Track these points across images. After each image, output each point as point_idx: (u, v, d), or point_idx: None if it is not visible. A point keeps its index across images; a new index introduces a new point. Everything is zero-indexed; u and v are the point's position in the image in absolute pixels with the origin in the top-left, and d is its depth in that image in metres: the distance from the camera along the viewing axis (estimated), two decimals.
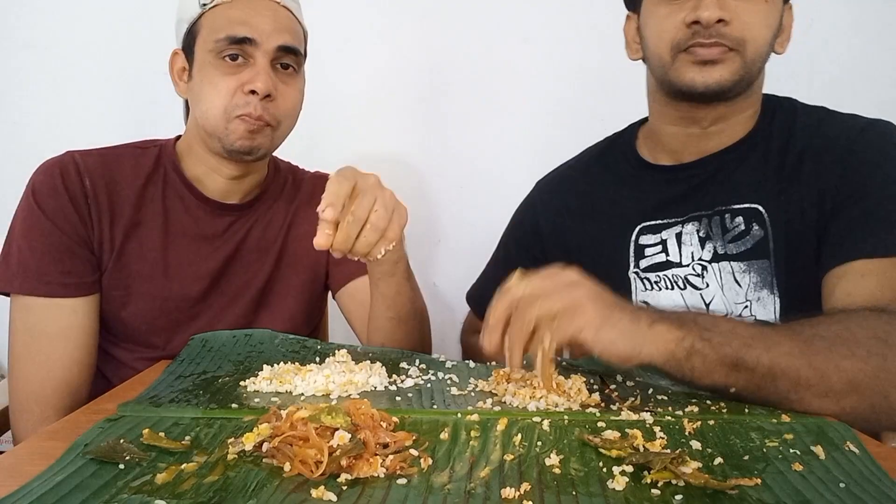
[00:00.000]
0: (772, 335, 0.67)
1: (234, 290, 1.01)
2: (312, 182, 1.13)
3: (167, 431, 0.58)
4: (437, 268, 1.19)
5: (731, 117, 0.93)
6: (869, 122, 0.89)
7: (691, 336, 0.66)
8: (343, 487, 0.48)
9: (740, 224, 0.91)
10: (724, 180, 0.93)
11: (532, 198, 1.15)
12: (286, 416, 0.55)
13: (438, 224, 1.60)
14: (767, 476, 0.51)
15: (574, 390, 0.69)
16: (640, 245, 0.98)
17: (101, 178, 0.94)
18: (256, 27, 0.90)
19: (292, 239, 1.07)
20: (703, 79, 0.87)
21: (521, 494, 0.47)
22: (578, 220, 1.05)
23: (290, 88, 0.96)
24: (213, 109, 0.92)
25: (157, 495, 0.47)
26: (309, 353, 0.86)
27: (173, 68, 0.99)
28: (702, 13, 0.83)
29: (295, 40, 0.95)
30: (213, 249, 1.00)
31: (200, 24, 0.93)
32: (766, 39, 0.87)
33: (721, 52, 0.85)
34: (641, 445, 0.55)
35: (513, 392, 0.69)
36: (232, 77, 0.91)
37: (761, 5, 0.86)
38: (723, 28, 0.84)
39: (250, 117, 0.91)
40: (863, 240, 0.79)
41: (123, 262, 0.95)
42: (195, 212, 1.00)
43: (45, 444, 0.58)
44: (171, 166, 1.00)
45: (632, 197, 1.00)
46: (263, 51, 0.91)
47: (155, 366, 0.84)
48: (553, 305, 0.65)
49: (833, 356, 0.65)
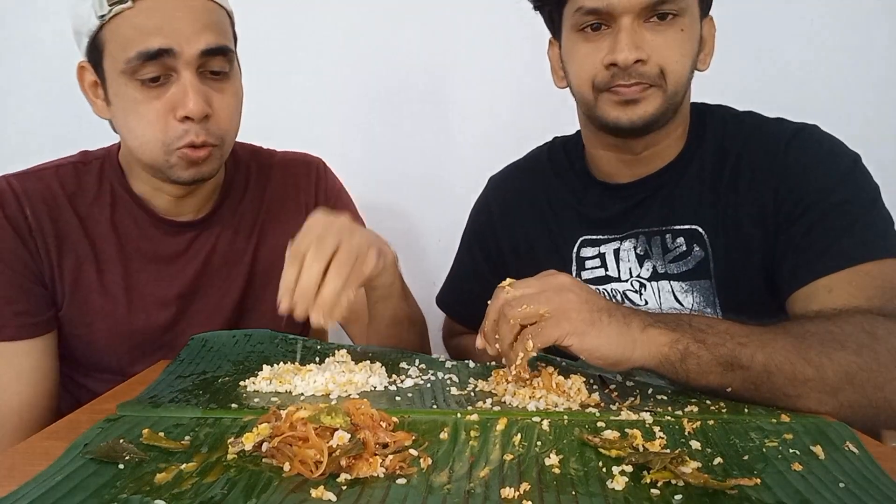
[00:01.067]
0: (766, 333, 0.67)
1: (207, 312, 0.93)
2: (282, 169, 1.03)
3: (167, 431, 0.58)
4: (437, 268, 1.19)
5: (662, 141, 0.93)
6: (794, 131, 0.88)
7: (685, 338, 0.66)
8: (343, 487, 0.48)
9: (682, 245, 0.91)
10: (662, 200, 0.93)
11: (486, 196, 1.13)
12: (286, 417, 0.55)
13: (438, 224, 1.60)
14: (767, 476, 0.51)
15: (574, 390, 0.69)
16: (581, 257, 0.98)
17: (42, 203, 0.85)
18: (172, 32, 0.77)
19: (267, 238, 0.98)
20: (627, 117, 0.86)
21: (521, 494, 0.47)
22: (528, 222, 1.05)
23: (226, 96, 0.84)
24: (148, 144, 0.81)
25: (157, 495, 0.47)
26: (309, 353, 0.86)
27: (83, 83, 0.86)
28: (618, 56, 0.82)
29: (221, 37, 0.82)
30: (176, 271, 0.91)
31: (103, 36, 0.79)
32: (686, 67, 0.86)
33: (641, 89, 0.84)
34: (641, 445, 0.55)
35: (512, 392, 0.69)
36: (157, 102, 0.79)
37: (678, 35, 0.84)
38: (641, 67, 0.83)
39: (192, 148, 0.81)
40: (820, 257, 0.79)
41: (80, 296, 0.87)
42: (150, 231, 0.90)
43: (45, 444, 0.58)
44: (118, 182, 0.90)
45: (576, 209, 1.00)
46: (185, 61, 0.78)
47: (155, 366, 0.84)
48: (538, 309, 0.66)
49: (826, 350, 0.65)
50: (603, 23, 0.85)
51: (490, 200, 1.12)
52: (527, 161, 1.11)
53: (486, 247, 1.10)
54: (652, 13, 0.83)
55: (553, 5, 0.92)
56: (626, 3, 0.82)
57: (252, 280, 0.97)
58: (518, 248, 1.06)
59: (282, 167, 1.03)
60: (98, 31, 0.79)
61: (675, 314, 0.71)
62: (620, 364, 0.67)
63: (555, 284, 0.69)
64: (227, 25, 0.85)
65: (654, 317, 0.69)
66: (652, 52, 0.83)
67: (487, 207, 1.11)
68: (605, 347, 0.65)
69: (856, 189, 0.83)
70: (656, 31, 0.84)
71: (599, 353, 0.66)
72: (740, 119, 0.94)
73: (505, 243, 1.07)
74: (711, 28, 0.92)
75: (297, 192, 1.03)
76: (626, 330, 0.67)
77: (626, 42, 0.82)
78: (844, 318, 0.69)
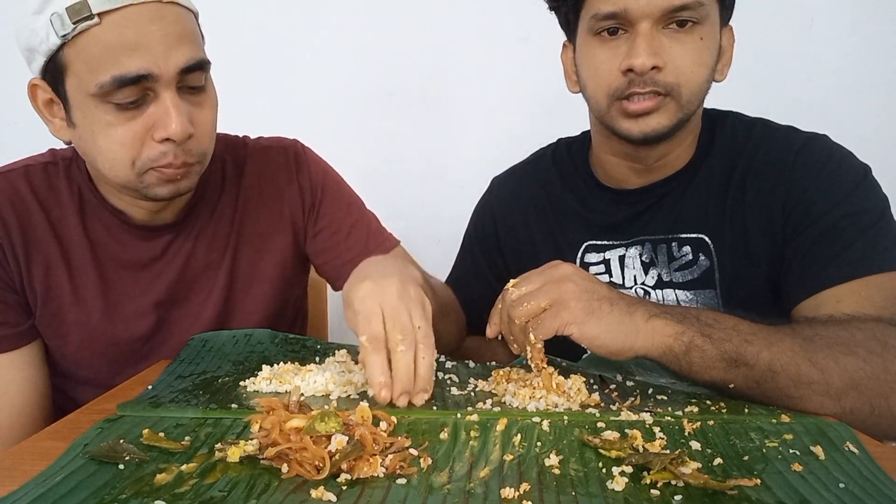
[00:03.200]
0: (773, 333, 0.67)
1: (189, 319, 0.90)
2: (257, 159, 0.96)
3: (167, 431, 0.58)
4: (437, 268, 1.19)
5: (674, 150, 0.92)
6: (804, 142, 0.87)
7: (691, 331, 0.66)
8: (343, 487, 0.48)
9: (688, 254, 0.90)
10: (669, 208, 0.92)
11: (489, 198, 1.13)
12: (274, 425, 0.54)
13: (438, 224, 1.60)
14: (767, 476, 0.51)
15: (574, 390, 0.69)
16: (585, 263, 0.98)
17: (8, 205, 0.81)
18: (147, 52, 0.70)
19: (246, 236, 0.93)
20: (639, 129, 0.85)
21: (521, 494, 0.47)
22: (530, 225, 1.04)
23: (205, 110, 0.79)
24: (119, 165, 0.75)
25: (157, 496, 0.47)
26: (309, 353, 0.86)
27: (36, 101, 0.78)
28: (634, 61, 0.80)
29: (197, 48, 0.76)
30: (153, 277, 0.87)
31: (65, 56, 0.71)
32: (703, 78, 0.84)
33: (655, 102, 0.83)
34: (641, 446, 0.55)
35: (513, 392, 0.69)
36: (133, 123, 0.73)
37: (697, 44, 0.82)
38: (657, 75, 0.81)
39: (171, 167, 0.76)
40: (827, 267, 0.79)
41: (52, 305, 0.83)
42: (122, 236, 0.85)
43: (45, 444, 0.58)
44: (86, 186, 0.85)
45: (581, 214, 0.99)
46: (165, 82, 0.72)
47: (155, 366, 0.84)
48: (539, 303, 0.67)
49: (834, 354, 0.65)
50: (620, 27, 0.83)
51: (492, 202, 1.11)
52: (530, 163, 1.11)
53: (488, 248, 1.10)
54: (671, 20, 0.81)
55: (570, 7, 0.89)
56: (645, 7, 0.80)
57: (234, 283, 0.93)
58: (520, 251, 1.05)
59: (256, 157, 0.96)
60: (58, 49, 0.71)
61: (682, 307, 0.71)
62: (623, 353, 0.66)
63: (556, 276, 0.70)
64: (197, 31, 0.79)
65: (660, 308, 0.69)
66: (669, 59, 0.81)
67: (490, 208, 1.11)
68: (605, 336, 0.66)
69: (865, 201, 0.82)
70: (675, 38, 0.82)
71: (600, 341, 0.66)
72: (750, 127, 0.93)
73: (506, 245, 1.07)
74: (731, 38, 0.90)
75: (276, 182, 0.97)
76: (629, 319, 0.66)
77: (643, 47, 0.80)
78: (857, 324, 0.69)
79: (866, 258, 0.77)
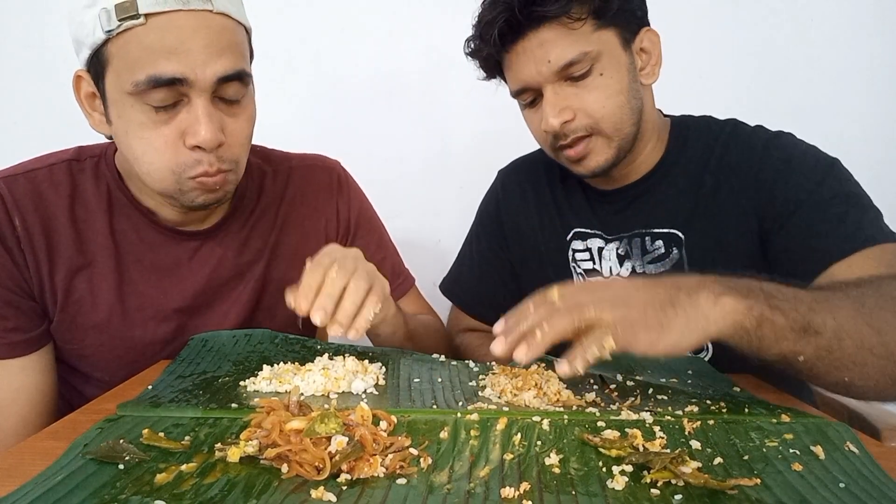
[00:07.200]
0: (831, 297, 0.65)
1: (210, 327, 0.89)
2: (302, 174, 0.98)
3: (167, 431, 0.58)
4: (437, 268, 1.19)
5: (635, 160, 0.96)
6: (767, 140, 0.91)
7: (759, 304, 0.62)
8: (343, 488, 0.48)
9: (660, 247, 0.94)
10: (642, 205, 0.96)
11: (495, 189, 1.16)
12: (274, 425, 0.54)
13: (438, 224, 1.60)
14: (767, 476, 0.51)
15: (553, 391, 0.68)
16: (574, 249, 1.02)
17: (32, 208, 0.80)
18: (186, 57, 0.71)
19: (281, 248, 0.93)
20: (584, 169, 0.91)
21: (521, 494, 0.47)
22: (532, 211, 1.07)
23: (239, 121, 0.79)
24: (158, 171, 0.76)
25: (157, 495, 0.47)
26: (309, 353, 0.86)
27: (79, 93, 0.79)
28: (546, 126, 0.87)
29: (238, 61, 0.76)
30: (176, 282, 0.86)
31: (108, 51, 0.72)
32: (619, 104, 0.87)
33: (583, 145, 0.88)
34: (641, 445, 0.55)
35: (512, 392, 0.69)
36: (165, 127, 0.74)
37: (598, 82, 0.86)
38: (571, 125, 0.87)
39: (207, 176, 0.76)
40: (830, 242, 0.79)
41: (71, 311, 0.82)
42: (151, 238, 0.85)
43: (45, 444, 0.58)
44: (115, 185, 0.84)
45: (571, 204, 1.04)
46: (199, 88, 0.73)
47: (155, 366, 0.84)
48: (605, 316, 0.61)
49: (885, 315, 0.63)
50: (536, 96, 0.90)
51: (498, 190, 1.15)
52: (534, 153, 1.14)
53: (492, 234, 1.13)
54: (565, 77, 0.86)
55: (496, 75, 0.96)
56: (538, 77, 0.86)
57: (261, 295, 0.92)
58: (521, 236, 1.08)
59: (301, 172, 0.98)
60: (103, 44, 0.72)
61: (745, 280, 0.65)
62: (701, 344, 0.63)
63: (610, 296, 0.63)
64: (244, 45, 0.79)
65: (724, 283, 0.63)
66: (578, 107, 0.87)
67: (495, 196, 1.14)
68: (682, 342, 0.61)
69: (841, 184, 0.84)
70: (577, 86, 0.87)
71: (679, 348, 0.61)
72: (722, 127, 0.96)
73: (509, 230, 1.10)
74: (651, 38, 0.91)
75: (316, 200, 0.99)
76: (695, 312, 0.61)
77: (548, 111, 0.87)
78: (889, 280, 0.68)
79: (864, 230, 0.78)
